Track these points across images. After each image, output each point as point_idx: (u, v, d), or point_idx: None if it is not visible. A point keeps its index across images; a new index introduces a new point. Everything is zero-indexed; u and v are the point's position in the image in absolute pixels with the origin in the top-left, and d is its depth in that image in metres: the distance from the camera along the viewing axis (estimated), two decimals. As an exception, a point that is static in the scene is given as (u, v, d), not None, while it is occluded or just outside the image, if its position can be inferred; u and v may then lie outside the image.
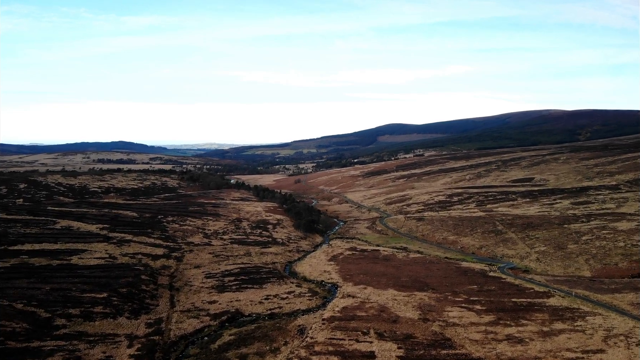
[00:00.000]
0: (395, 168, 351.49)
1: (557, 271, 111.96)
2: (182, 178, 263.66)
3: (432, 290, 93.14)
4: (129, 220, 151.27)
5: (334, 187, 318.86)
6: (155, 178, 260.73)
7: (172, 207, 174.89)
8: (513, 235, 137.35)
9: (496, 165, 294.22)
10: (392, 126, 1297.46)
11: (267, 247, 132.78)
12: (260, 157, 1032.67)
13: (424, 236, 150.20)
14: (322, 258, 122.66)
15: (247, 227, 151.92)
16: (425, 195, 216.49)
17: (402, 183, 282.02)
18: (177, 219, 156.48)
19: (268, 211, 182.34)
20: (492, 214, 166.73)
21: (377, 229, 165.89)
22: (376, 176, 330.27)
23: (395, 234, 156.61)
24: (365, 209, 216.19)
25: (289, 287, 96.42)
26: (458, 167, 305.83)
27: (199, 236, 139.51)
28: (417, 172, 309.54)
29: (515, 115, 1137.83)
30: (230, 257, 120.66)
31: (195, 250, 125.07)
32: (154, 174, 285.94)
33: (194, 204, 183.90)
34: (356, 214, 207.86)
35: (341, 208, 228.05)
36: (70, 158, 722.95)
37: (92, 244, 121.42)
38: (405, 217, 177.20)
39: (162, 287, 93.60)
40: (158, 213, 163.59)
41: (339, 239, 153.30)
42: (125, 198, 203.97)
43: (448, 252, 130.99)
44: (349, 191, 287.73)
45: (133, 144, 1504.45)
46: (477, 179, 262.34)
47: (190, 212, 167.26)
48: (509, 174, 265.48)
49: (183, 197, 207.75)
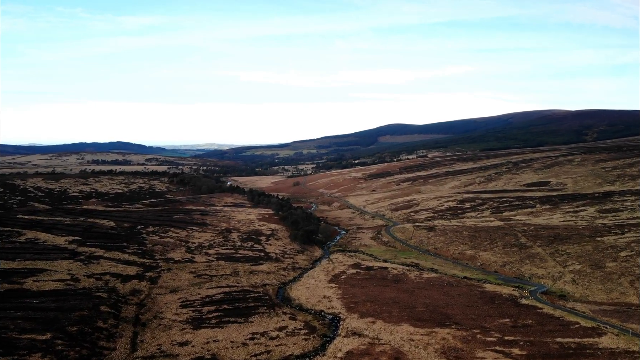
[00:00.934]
0: (399, 170, 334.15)
1: (598, 296, 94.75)
2: (172, 181, 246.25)
3: (456, 325, 75.92)
4: (104, 232, 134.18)
5: (334, 190, 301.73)
6: (143, 181, 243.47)
7: (155, 216, 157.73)
8: (540, 250, 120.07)
9: (507, 168, 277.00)
10: (392, 126, 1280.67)
11: (258, 263, 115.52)
12: (259, 157, 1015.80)
13: (436, 250, 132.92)
14: (321, 278, 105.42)
15: (237, 239, 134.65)
16: (433, 201, 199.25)
17: (407, 186, 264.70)
18: (159, 229, 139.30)
19: (262, 220, 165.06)
20: (511, 223, 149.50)
21: (383, 240, 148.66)
22: (379, 179, 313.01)
23: (404, 247, 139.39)
24: (369, 216, 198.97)
25: (281, 320, 79.17)
26: (466, 170, 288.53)
27: (181, 251, 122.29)
28: (423, 175, 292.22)
29: (517, 115, 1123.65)
30: (214, 277, 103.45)
31: (175, 269, 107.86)
32: (142, 176, 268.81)
33: (180, 212, 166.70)
34: (359, 221, 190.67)
35: (342, 214, 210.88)
36: (64, 159, 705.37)
37: (55, 262, 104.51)
38: (413, 226, 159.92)
39: (125, 322, 76.29)
40: (138, 222, 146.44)
41: (341, 252, 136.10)
42: (107, 204, 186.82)
43: (467, 270, 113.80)
44: (351, 195, 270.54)
45: (131, 145, 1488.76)
46: (488, 182, 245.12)
47: (174, 221, 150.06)
48: (522, 176, 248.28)
49: (170, 203, 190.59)
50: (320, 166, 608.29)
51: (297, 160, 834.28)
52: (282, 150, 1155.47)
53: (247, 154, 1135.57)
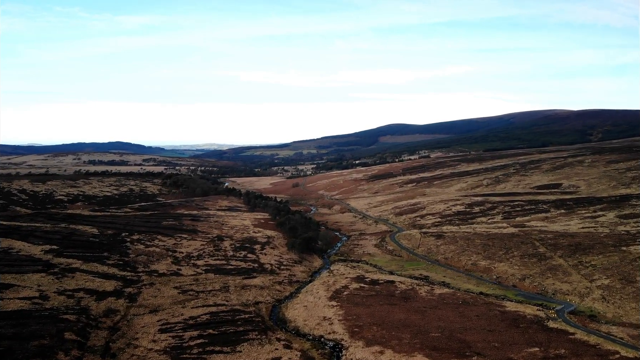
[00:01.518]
0: (402, 171, 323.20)
1: (633, 317, 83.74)
2: (165, 183, 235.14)
3: (478, 356, 65.12)
4: (84, 240, 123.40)
5: (334, 193, 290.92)
6: (135, 184, 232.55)
7: (142, 221, 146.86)
8: (562, 262, 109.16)
9: (514, 169, 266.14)
10: (393, 126, 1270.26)
11: (252, 276, 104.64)
12: (258, 158, 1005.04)
13: (447, 260, 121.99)
14: (321, 294, 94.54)
15: (229, 248, 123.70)
16: (440, 205, 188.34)
17: (411, 189, 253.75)
18: (145, 237, 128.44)
19: (257, 226, 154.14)
20: (526, 229, 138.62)
21: (387, 248, 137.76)
22: (381, 180, 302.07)
23: (411, 256, 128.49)
24: (372, 220, 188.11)
25: (274, 349, 68.36)
26: (472, 171, 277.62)
27: (167, 262, 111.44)
28: (427, 177, 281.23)
29: (519, 115, 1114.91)
30: (201, 293, 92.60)
31: (158, 284, 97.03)
32: (135, 178, 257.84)
33: (169, 217, 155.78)
34: (361, 226, 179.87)
35: (343, 218, 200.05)
36: (60, 159, 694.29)
37: (25, 276, 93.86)
38: (420, 232, 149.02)
39: (91, 353, 65.45)
40: (123, 229, 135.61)
41: (343, 261, 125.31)
42: (93, 208, 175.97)
43: (482, 285, 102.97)
44: (352, 197, 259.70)
45: (130, 145, 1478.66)
46: (496, 184, 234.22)
47: (162, 227, 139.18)
48: (531, 178, 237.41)
49: (160, 207, 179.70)
50: (320, 167, 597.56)
51: (297, 161, 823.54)
52: (282, 150, 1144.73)
53: (247, 154, 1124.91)
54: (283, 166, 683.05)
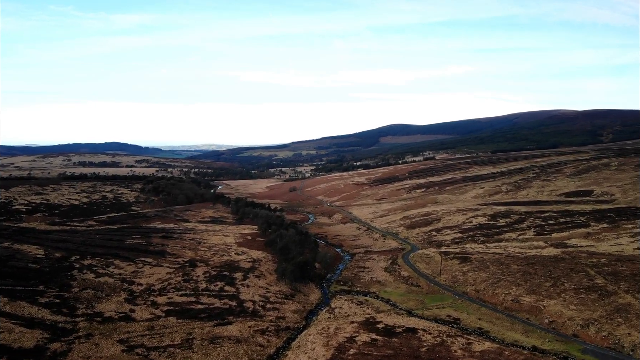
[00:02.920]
0: (408, 175, 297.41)
1: None
2: (143, 190, 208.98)
3: None
4: (21, 267, 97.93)
5: (335, 198, 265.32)
6: (110, 190, 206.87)
7: (103, 239, 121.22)
8: (631, 299, 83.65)
9: (534, 173, 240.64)
10: (394, 127, 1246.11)
11: (226, 322, 79.13)
12: (256, 159, 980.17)
13: (478, 293, 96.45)
14: (317, 352, 69.00)
15: (202, 278, 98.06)
16: (458, 216, 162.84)
17: (420, 195, 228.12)
18: (99, 261, 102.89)
19: (242, 244, 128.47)
20: (570, 251, 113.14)
21: (401, 274, 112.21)
22: (386, 185, 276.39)
23: (432, 286, 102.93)
24: (378, 233, 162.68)
25: None
26: (487, 175, 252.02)
27: (119, 298, 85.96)
28: (437, 181, 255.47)
29: (522, 115, 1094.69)
30: (153, 352, 67.16)
31: (98, 335, 71.55)
32: (114, 182, 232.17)
33: (137, 233, 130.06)
34: (367, 241, 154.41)
35: (346, 230, 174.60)
36: (49, 161, 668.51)
37: None
38: (440, 253, 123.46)
39: None
40: (76, 250, 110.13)
41: (346, 293, 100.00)
42: (53, 220, 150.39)
43: (532, 333, 77.52)
44: (354, 204, 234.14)
45: (127, 145, 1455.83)
46: (517, 190, 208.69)
47: (124, 248, 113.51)
48: (556, 184, 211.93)
49: (131, 219, 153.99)
50: (319, 168, 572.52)
51: (296, 162, 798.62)
52: (280, 151, 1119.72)
53: (245, 155, 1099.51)
54: (281, 167, 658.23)
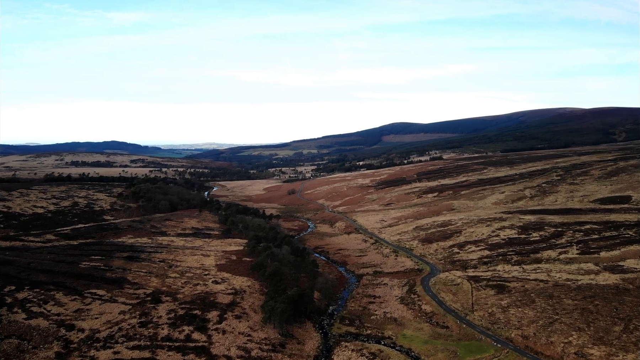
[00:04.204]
0: (417, 176, 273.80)
1: None
2: (121, 195, 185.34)
3: None
4: None
5: (337, 203, 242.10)
6: (85, 195, 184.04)
7: (54, 261, 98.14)
8: None
9: (557, 175, 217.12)
10: (397, 125, 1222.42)
11: (188, 395, 56.03)
12: (257, 158, 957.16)
13: (527, 340, 73.17)
14: None
15: (166, 320, 74.92)
16: (481, 227, 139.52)
17: (433, 200, 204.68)
18: (38, 294, 79.96)
19: (224, 266, 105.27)
20: (630, 276, 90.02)
21: (422, 309, 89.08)
22: (393, 187, 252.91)
23: (464, 327, 79.72)
24: (389, 248, 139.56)
25: None
26: (505, 178, 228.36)
27: (48, 353, 63.14)
28: (450, 184, 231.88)
29: (528, 113, 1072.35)
30: None
31: None
32: (92, 186, 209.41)
33: (99, 252, 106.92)
34: (375, 257, 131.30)
35: (350, 243, 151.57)
36: (40, 160, 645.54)
37: None
38: (467, 278, 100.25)
39: None
40: (15, 278, 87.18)
41: (353, 338, 77.10)
42: (7, 234, 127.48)
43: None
44: (359, 211, 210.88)
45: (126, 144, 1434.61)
46: (543, 196, 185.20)
47: (75, 274, 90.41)
48: (585, 188, 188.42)
49: (98, 232, 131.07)
50: (320, 168, 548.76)
51: (297, 161, 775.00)
52: (281, 150, 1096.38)
53: (244, 154, 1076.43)
54: (281, 167, 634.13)
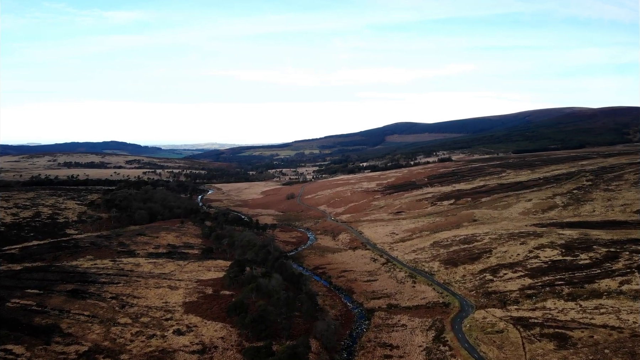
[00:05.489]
0: (428, 180, 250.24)
1: None
2: (92, 204, 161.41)
3: None
4: None
5: (340, 210, 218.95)
6: (54, 202, 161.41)
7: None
8: None
9: (588, 180, 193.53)
10: (400, 125, 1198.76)
11: None
12: (257, 158, 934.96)
13: None
14: None
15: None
16: (513, 244, 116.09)
17: (449, 208, 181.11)
18: None
19: (194, 305, 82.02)
20: None
21: (457, 368, 65.82)
22: (402, 193, 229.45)
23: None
24: (403, 271, 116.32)
25: None
26: (528, 182, 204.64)
27: None
28: (467, 190, 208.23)
29: (534, 113, 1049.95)
30: None
31: None
32: (65, 192, 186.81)
33: (40, 282, 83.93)
34: (387, 283, 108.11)
35: (356, 262, 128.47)
36: (33, 161, 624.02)
37: None
38: (512, 321, 77.01)
39: None
40: None
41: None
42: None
43: None
44: (365, 220, 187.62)
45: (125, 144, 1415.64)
46: (577, 204, 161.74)
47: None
48: (624, 195, 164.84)
49: (52, 252, 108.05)
50: (322, 170, 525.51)
51: (298, 162, 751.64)
52: (282, 150, 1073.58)
53: (245, 154, 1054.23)
54: (281, 168, 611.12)
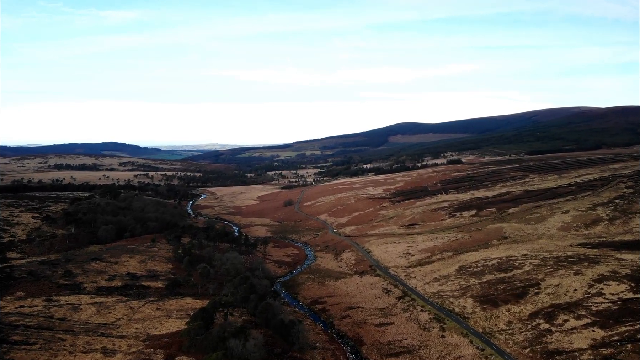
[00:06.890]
0: (441, 185, 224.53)
1: None
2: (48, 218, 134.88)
3: None
4: None
5: (343, 220, 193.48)
6: (7, 216, 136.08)
7: None
8: None
9: (627, 187, 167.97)
10: (404, 125, 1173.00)
11: None
12: (257, 159, 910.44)
13: None
14: None
15: None
16: (566, 274, 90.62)
17: (472, 221, 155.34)
18: None
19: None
20: None
21: None
22: (413, 200, 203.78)
23: None
24: (426, 310, 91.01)
25: None
26: (558, 188, 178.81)
27: None
28: (488, 198, 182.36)
29: (541, 112, 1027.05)
30: None
31: None
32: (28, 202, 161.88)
33: None
34: (407, 329, 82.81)
35: (364, 294, 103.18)
36: (23, 163, 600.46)
37: None
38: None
39: None
40: None
41: None
42: None
43: None
44: (373, 234, 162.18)
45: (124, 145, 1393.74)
46: (625, 218, 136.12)
47: None
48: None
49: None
50: (324, 172, 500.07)
51: (299, 163, 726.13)
52: (283, 151, 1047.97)
53: (245, 155, 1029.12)
54: (281, 170, 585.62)
